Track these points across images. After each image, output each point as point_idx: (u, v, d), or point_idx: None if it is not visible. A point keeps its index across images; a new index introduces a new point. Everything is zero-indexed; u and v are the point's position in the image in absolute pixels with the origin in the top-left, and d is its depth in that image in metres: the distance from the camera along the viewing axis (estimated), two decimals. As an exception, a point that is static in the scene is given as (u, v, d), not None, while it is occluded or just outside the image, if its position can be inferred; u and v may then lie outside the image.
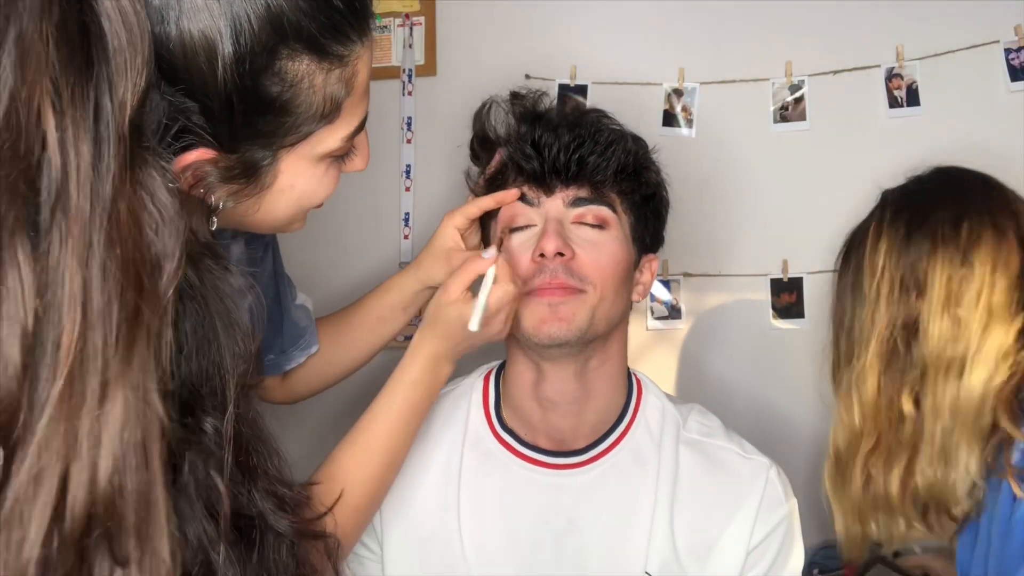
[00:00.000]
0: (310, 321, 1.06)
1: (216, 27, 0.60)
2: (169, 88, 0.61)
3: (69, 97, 0.55)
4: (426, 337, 0.93)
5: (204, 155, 0.64)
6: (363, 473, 0.88)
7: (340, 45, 0.65)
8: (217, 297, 0.65)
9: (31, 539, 0.54)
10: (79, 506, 0.55)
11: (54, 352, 0.55)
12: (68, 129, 0.55)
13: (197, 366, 0.65)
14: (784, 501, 1.01)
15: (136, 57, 0.56)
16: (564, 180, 0.98)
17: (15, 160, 0.54)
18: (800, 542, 1.03)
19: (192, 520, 0.64)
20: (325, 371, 1.09)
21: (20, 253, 0.54)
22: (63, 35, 0.55)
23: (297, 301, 1.06)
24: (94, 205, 0.55)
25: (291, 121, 0.65)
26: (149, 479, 0.58)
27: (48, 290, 0.55)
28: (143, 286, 0.57)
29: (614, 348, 1.02)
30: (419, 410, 0.92)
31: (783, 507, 1.00)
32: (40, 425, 0.54)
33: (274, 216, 0.72)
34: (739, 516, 0.99)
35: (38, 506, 0.54)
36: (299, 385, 1.09)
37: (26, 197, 0.55)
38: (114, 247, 0.56)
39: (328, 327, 1.09)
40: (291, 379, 1.08)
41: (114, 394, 0.56)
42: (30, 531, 0.54)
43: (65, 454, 0.55)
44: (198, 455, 0.64)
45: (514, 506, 1.00)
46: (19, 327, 0.54)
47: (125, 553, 0.57)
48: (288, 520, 0.71)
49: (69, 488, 0.55)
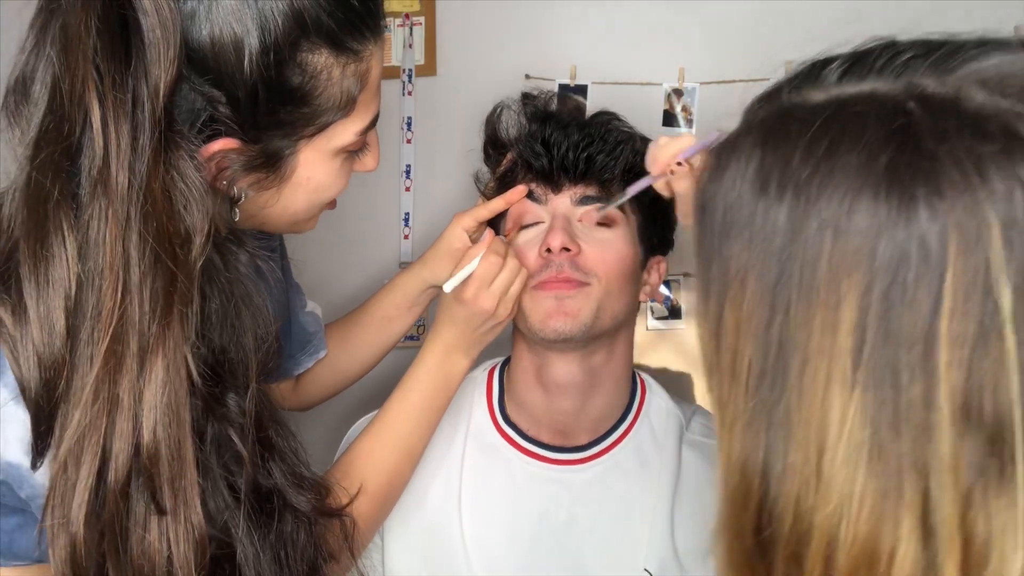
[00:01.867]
0: (319, 327, 1.08)
1: (244, 22, 0.64)
2: (198, 79, 0.65)
3: (111, 83, 0.60)
4: (437, 330, 0.95)
5: (229, 144, 0.68)
6: (378, 462, 0.89)
7: (356, 41, 0.70)
8: (240, 281, 0.70)
9: (81, 484, 0.61)
10: (122, 456, 0.62)
11: (95, 316, 0.61)
12: (110, 111, 0.60)
13: (220, 345, 0.69)
14: None
15: (169, 50, 0.62)
16: (572, 178, 1.00)
17: (59, 139, 0.61)
18: None
19: (214, 492, 0.68)
20: (335, 375, 1.10)
21: (64, 223, 0.61)
22: (105, 27, 0.61)
23: (307, 308, 1.07)
24: (131, 182, 0.61)
25: (310, 112, 0.70)
26: (181, 436, 0.64)
27: (89, 258, 0.61)
28: (177, 256, 0.63)
29: (620, 348, 1.03)
30: (434, 402, 0.94)
31: None
32: (87, 382, 0.61)
33: (292, 210, 0.76)
34: None
35: (87, 455, 0.61)
36: (310, 391, 1.10)
37: (69, 173, 0.62)
38: (149, 220, 0.62)
39: (336, 330, 1.10)
40: (302, 385, 1.10)
41: (154, 355, 0.62)
42: (80, 477, 0.61)
43: (109, 410, 0.61)
44: (221, 423, 0.68)
45: (515, 500, 1.01)
46: (63, 291, 0.61)
47: (164, 502, 0.63)
48: (307, 497, 0.75)
49: (113, 440, 0.61)
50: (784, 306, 0.49)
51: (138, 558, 0.64)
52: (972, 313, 0.44)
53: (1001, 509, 0.45)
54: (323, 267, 1.37)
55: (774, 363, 0.49)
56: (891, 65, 0.51)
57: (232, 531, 0.69)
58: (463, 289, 0.93)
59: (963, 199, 0.44)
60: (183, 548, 0.64)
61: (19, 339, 0.62)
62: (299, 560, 0.74)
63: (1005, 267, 0.44)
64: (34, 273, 0.62)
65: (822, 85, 0.53)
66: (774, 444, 0.50)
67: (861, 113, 0.48)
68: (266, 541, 0.71)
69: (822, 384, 0.47)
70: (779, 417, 0.49)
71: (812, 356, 0.48)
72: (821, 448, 0.47)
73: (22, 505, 0.67)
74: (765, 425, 0.50)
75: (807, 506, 0.48)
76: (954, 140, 0.45)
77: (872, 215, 0.46)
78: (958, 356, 0.45)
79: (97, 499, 0.62)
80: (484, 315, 0.93)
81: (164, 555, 0.64)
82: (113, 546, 0.63)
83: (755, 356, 0.50)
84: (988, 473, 0.45)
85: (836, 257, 0.47)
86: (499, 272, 0.93)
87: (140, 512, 0.63)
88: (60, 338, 0.61)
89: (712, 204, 0.53)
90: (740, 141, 0.53)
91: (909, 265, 0.45)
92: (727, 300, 0.52)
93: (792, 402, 0.49)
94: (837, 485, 0.47)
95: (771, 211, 0.49)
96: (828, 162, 0.47)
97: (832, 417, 0.47)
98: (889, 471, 0.46)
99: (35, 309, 0.61)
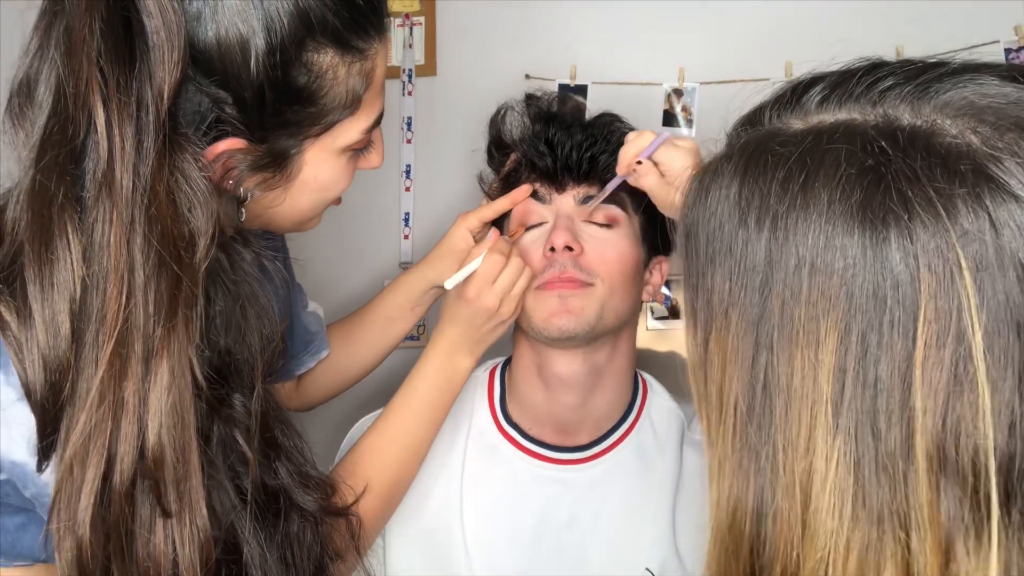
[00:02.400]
0: (321, 327, 1.08)
1: (249, 22, 0.65)
2: (205, 80, 0.65)
3: (115, 86, 0.60)
4: (441, 328, 0.96)
5: (235, 144, 0.68)
6: (384, 461, 0.90)
7: (360, 40, 0.70)
8: (246, 281, 0.71)
9: (87, 487, 0.61)
10: (127, 459, 0.62)
11: (100, 319, 0.61)
12: (114, 114, 0.60)
13: (226, 346, 0.69)
14: None
15: (173, 52, 0.62)
16: (575, 178, 1.01)
17: (63, 142, 0.61)
18: None
19: (220, 493, 0.68)
20: (337, 375, 1.10)
21: (68, 226, 0.61)
22: (109, 29, 0.61)
23: (308, 309, 1.07)
24: (136, 184, 0.61)
25: (316, 111, 0.70)
26: (185, 439, 0.64)
27: (94, 261, 0.61)
28: (181, 259, 0.63)
29: (623, 347, 1.03)
30: (438, 400, 0.94)
31: None
32: (92, 385, 0.61)
33: (298, 209, 0.76)
34: None
35: (92, 457, 0.61)
36: (312, 391, 1.10)
37: (73, 175, 0.61)
38: (154, 223, 0.62)
39: (338, 330, 1.10)
40: (305, 385, 1.10)
41: (159, 358, 0.62)
42: (86, 480, 0.61)
43: (114, 413, 0.61)
44: (227, 424, 0.69)
45: (516, 500, 1.01)
46: (68, 294, 0.61)
47: (168, 505, 0.63)
48: (313, 497, 0.75)
49: (119, 443, 0.62)
50: (767, 343, 0.48)
51: (143, 560, 0.64)
52: (945, 359, 0.43)
53: (982, 562, 0.43)
54: (323, 267, 1.37)
55: (760, 403, 0.48)
56: (871, 92, 0.50)
57: (238, 532, 0.69)
58: (466, 287, 0.93)
59: (934, 241, 0.43)
60: (188, 550, 0.64)
61: (24, 342, 0.62)
62: (306, 559, 0.74)
63: (976, 312, 0.43)
64: (39, 276, 0.62)
65: (802, 111, 0.52)
66: (763, 488, 0.49)
67: (835, 149, 0.47)
68: (272, 541, 0.71)
69: (806, 429, 0.46)
70: (766, 461, 0.48)
71: (795, 399, 0.47)
72: (807, 496, 0.47)
73: (26, 505, 0.67)
74: (754, 468, 0.49)
75: (795, 553, 0.47)
76: (924, 181, 0.44)
77: (847, 255, 0.45)
78: (932, 403, 0.43)
79: (103, 502, 0.62)
80: (487, 313, 0.93)
81: (169, 557, 0.64)
82: (119, 548, 0.63)
83: (741, 394, 0.49)
84: (968, 524, 0.44)
85: (815, 296, 0.46)
86: (502, 270, 0.93)
87: (145, 515, 0.63)
88: (65, 341, 0.61)
89: (695, 231, 0.52)
90: (721, 167, 0.52)
91: (885, 308, 0.44)
92: (712, 332, 0.51)
93: (778, 445, 0.48)
94: (823, 535, 0.46)
95: (751, 243, 0.48)
96: (804, 196, 0.47)
97: (817, 464, 0.46)
98: (872, 520, 0.45)
99: (40, 312, 0.62)
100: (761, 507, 0.49)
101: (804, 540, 0.46)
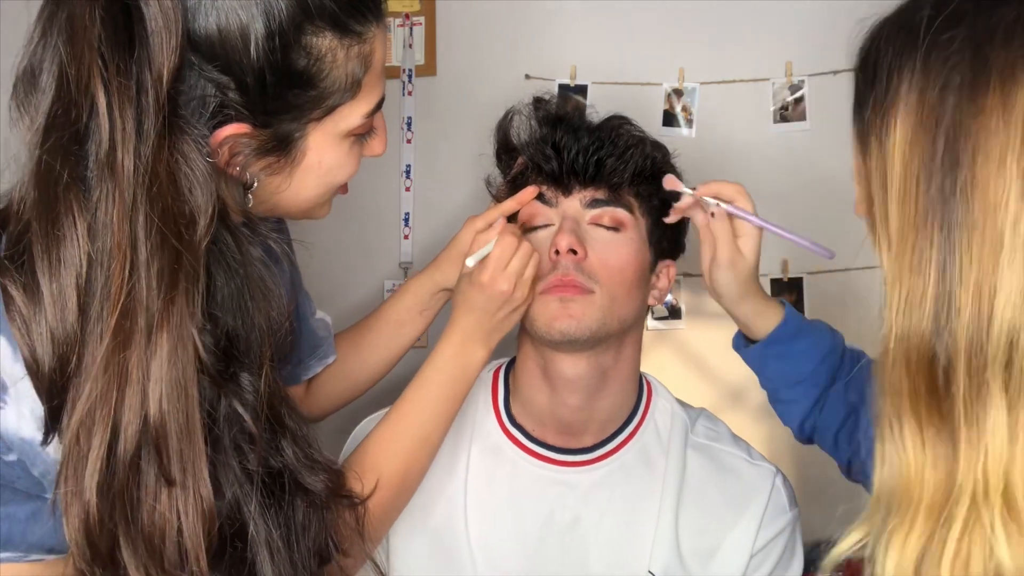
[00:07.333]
0: (328, 333, 1.07)
1: (249, 8, 0.67)
2: (207, 66, 0.68)
3: (115, 71, 0.63)
4: (455, 319, 0.95)
5: (240, 129, 0.70)
6: (394, 452, 0.89)
7: (358, 23, 0.72)
8: (252, 263, 0.73)
9: (93, 454, 0.64)
10: (132, 428, 0.64)
11: (105, 293, 0.63)
12: (115, 97, 0.63)
13: (232, 325, 0.71)
14: (788, 509, 1.02)
15: (171, 38, 0.64)
16: (582, 181, 1.00)
17: (67, 124, 0.63)
18: (800, 550, 1.04)
19: (225, 468, 0.70)
20: (346, 381, 1.10)
21: (74, 205, 0.64)
22: (109, 16, 0.63)
23: (316, 315, 1.07)
24: (137, 165, 0.63)
25: (317, 94, 0.72)
26: (188, 409, 0.66)
27: (98, 238, 0.63)
28: (182, 236, 0.66)
29: (628, 350, 1.03)
30: (451, 392, 0.93)
31: (787, 514, 1.02)
32: (97, 356, 0.63)
33: (304, 195, 0.77)
34: (744, 521, 1.00)
35: (98, 426, 0.64)
36: (323, 398, 1.10)
37: (77, 156, 0.64)
38: (155, 202, 0.64)
39: (347, 336, 1.10)
40: (314, 392, 1.09)
41: (160, 331, 0.64)
42: (92, 447, 0.64)
43: (119, 383, 0.64)
44: (233, 399, 0.70)
45: (520, 501, 1.01)
46: (74, 270, 0.63)
47: (172, 474, 0.65)
48: (320, 478, 0.76)
49: (123, 412, 0.64)
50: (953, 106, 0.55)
51: (148, 527, 0.66)
52: None
53: None
54: (323, 267, 1.37)
55: (942, 162, 0.55)
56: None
57: (243, 508, 0.71)
58: (480, 272, 0.93)
59: None
60: (192, 518, 0.66)
61: (32, 317, 0.65)
62: (311, 543, 0.75)
63: None
64: (46, 253, 0.64)
65: None
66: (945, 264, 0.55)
67: None
68: (278, 520, 0.72)
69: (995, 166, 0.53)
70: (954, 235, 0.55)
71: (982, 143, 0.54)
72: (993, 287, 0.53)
73: (36, 490, 0.68)
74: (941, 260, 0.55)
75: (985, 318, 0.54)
76: None
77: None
78: None
79: (109, 469, 0.64)
80: (502, 297, 0.92)
81: (174, 525, 0.66)
82: (124, 515, 0.65)
83: (924, 163, 0.56)
84: None
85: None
86: (514, 253, 0.93)
87: (150, 483, 0.65)
88: (73, 315, 0.64)
89: None
90: None
91: None
92: (893, 119, 0.59)
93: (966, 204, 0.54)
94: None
95: None
96: None
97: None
98: None
99: (48, 288, 0.64)
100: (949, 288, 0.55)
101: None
